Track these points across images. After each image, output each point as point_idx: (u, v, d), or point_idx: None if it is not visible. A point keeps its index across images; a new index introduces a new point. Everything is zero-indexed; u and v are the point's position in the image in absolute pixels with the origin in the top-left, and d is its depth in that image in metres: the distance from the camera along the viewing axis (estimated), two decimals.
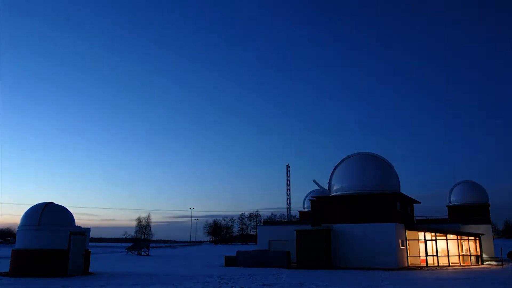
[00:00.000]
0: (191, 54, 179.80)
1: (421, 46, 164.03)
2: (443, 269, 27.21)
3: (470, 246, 32.07)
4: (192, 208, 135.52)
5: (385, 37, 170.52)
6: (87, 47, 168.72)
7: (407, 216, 33.76)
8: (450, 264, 30.38)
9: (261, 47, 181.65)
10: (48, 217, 21.74)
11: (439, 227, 33.48)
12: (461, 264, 30.81)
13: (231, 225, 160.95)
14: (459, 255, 31.26)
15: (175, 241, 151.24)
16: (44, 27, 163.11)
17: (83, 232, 22.68)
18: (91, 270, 23.25)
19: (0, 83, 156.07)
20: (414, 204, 36.92)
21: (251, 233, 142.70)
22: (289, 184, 65.84)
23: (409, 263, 31.02)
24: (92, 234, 24.32)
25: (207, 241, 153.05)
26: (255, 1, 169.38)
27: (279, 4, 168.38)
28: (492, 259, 36.25)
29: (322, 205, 32.21)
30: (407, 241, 31.59)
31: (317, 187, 36.47)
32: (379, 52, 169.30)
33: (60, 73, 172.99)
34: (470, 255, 31.68)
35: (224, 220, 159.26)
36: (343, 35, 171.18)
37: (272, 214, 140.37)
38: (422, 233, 31.69)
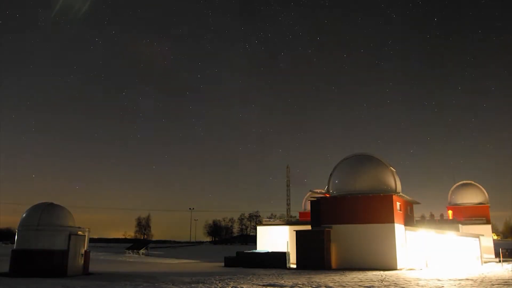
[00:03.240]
0: (192, 50, 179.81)
1: (421, 44, 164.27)
2: (443, 269, 27.22)
3: (470, 246, 32.05)
4: (192, 208, 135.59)
5: (385, 37, 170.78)
6: (87, 47, 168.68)
7: (407, 217, 33.77)
8: (450, 265, 30.37)
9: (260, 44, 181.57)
10: (48, 217, 21.73)
11: (439, 227, 33.50)
12: (461, 264, 30.79)
13: (231, 226, 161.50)
14: (459, 256, 31.24)
15: (174, 241, 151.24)
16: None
17: (83, 232, 22.68)
18: (90, 270, 23.24)
19: (0, 82, 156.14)
20: (414, 205, 36.95)
21: (251, 234, 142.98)
22: (289, 185, 65.68)
23: (409, 263, 31.02)
24: (91, 234, 24.35)
25: (206, 241, 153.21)
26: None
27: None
28: (491, 259, 36.27)
29: (322, 205, 32.22)
30: (407, 242, 31.58)
31: (316, 188, 36.51)
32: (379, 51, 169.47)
33: (59, 72, 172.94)
34: (470, 256, 31.65)
35: (224, 220, 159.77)
36: (343, 34, 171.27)
37: (271, 214, 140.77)
38: (422, 233, 31.71)
